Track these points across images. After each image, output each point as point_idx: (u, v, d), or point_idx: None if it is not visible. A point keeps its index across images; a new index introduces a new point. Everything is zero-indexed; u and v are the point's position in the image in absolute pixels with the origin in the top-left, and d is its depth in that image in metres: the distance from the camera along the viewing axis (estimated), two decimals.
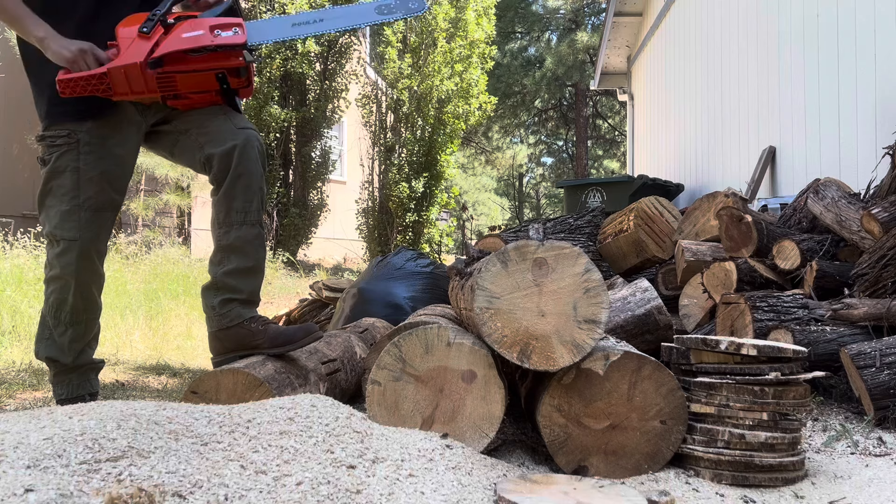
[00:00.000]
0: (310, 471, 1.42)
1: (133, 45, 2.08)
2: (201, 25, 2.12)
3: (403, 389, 1.79)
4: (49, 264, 2.24)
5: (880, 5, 3.92)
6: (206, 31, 2.11)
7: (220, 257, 2.24)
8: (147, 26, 2.09)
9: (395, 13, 2.29)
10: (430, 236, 10.52)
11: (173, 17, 2.15)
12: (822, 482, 1.78)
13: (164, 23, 2.11)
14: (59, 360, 2.26)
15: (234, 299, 2.21)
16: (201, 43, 2.09)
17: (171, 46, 2.08)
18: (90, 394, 2.31)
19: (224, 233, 2.22)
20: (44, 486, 1.18)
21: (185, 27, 2.12)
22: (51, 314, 2.25)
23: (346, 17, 2.29)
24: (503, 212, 30.48)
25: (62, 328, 2.25)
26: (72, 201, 2.16)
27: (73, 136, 2.15)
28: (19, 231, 8.97)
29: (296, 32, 2.27)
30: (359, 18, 2.30)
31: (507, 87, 19.98)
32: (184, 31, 2.11)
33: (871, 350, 2.24)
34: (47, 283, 2.25)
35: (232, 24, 2.13)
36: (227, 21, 2.14)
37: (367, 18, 2.29)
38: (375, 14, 2.28)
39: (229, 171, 2.19)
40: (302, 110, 10.13)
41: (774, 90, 5.31)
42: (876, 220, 2.66)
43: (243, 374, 1.92)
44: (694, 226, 3.68)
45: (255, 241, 2.25)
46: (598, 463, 1.78)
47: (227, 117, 2.26)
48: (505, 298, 1.74)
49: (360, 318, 3.33)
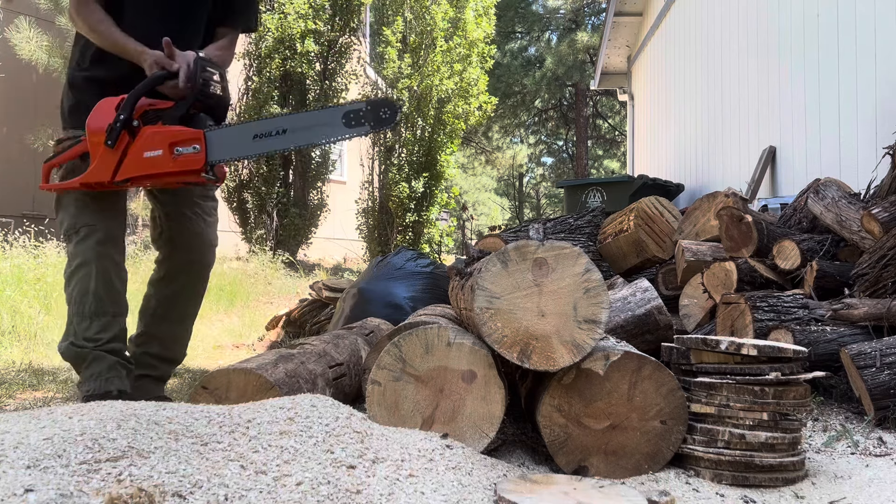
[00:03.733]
0: (310, 471, 1.42)
1: (100, 159, 2.16)
2: (162, 142, 2.12)
3: (403, 389, 1.79)
4: (70, 258, 2.27)
5: (880, 4, 3.91)
6: (166, 150, 2.11)
7: (144, 340, 2.48)
8: (111, 138, 2.12)
9: (363, 126, 2.13)
10: (430, 236, 10.52)
11: (139, 112, 2.15)
12: (822, 482, 1.78)
13: (129, 129, 2.13)
14: (84, 346, 2.23)
15: (148, 375, 2.47)
16: (159, 169, 2.13)
17: (130, 171, 2.14)
18: (119, 391, 2.24)
19: (157, 322, 2.47)
20: (44, 486, 1.18)
21: (146, 141, 2.13)
22: (75, 310, 2.25)
23: (311, 130, 2.15)
24: (503, 212, 30.46)
25: (86, 322, 2.24)
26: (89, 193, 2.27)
27: None
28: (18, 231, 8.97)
29: (256, 148, 2.15)
30: (325, 133, 2.15)
31: (507, 87, 19.97)
32: (145, 147, 2.13)
33: (871, 350, 2.24)
34: (69, 279, 2.27)
35: (192, 140, 2.11)
36: (187, 136, 2.12)
37: (335, 133, 2.14)
38: (343, 127, 2.12)
39: (183, 279, 2.46)
40: (302, 110, 10.12)
41: (774, 90, 5.31)
42: (876, 220, 2.66)
43: (255, 375, 1.93)
44: (694, 226, 3.68)
45: (180, 339, 2.54)
46: (598, 463, 1.78)
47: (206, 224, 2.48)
48: (505, 298, 1.74)
49: (360, 318, 3.33)
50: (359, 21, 10.64)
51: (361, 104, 2.12)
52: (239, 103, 9.63)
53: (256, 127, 2.15)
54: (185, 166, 2.11)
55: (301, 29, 9.72)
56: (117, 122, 2.11)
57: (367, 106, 2.12)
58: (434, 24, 10.16)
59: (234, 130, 2.16)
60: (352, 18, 10.40)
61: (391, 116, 2.12)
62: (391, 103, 2.13)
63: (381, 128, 2.13)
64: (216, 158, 2.13)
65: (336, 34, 10.35)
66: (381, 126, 2.13)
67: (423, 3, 10.29)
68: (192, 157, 2.10)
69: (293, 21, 9.63)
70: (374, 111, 2.12)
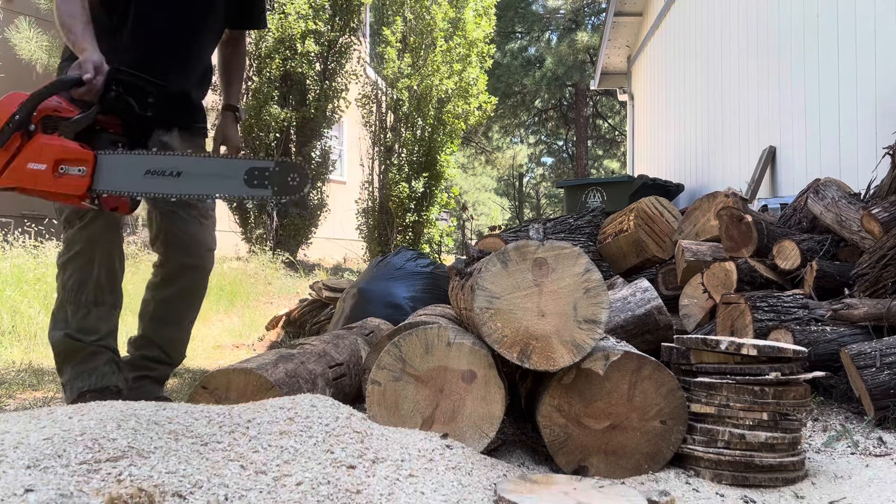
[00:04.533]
0: (310, 471, 1.42)
1: None
2: (48, 156, 1.90)
3: (403, 389, 1.79)
4: (69, 244, 2.21)
5: (880, 4, 3.92)
6: (50, 166, 1.89)
7: (143, 343, 2.47)
8: (2, 139, 1.90)
9: (265, 188, 1.90)
10: (430, 236, 10.52)
11: (41, 115, 1.93)
12: (822, 482, 1.78)
13: (25, 132, 1.90)
14: (81, 340, 2.18)
15: (147, 376, 2.45)
16: (39, 185, 1.91)
17: (11, 180, 1.92)
18: (115, 387, 2.22)
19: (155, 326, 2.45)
20: (44, 486, 1.18)
21: (34, 151, 1.90)
22: (70, 299, 2.19)
23: (207, 180, 1.92)
24: (503, 212, 30.46)
25: (84, 310, 2.19)
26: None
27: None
28: (18, 231, 8.97)
29: (145, 187, 1.92)
30: (220, 187, 1.93)
31: (507, 87, 19.97)
32: (31, 158, 1.91)
33: (871, 350, 2.24)
34: (64, 267, 2.21)
35: (79, 161, 1.89)
36: (75, 155, 1.90)
37: (231, 190, 1.92)
38: (243, 186, 1.90)
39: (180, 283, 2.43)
40: (302, 110, 10.13)
41: (774, 90, 5.31)
42: (876, 220, 2.66)
43: (255, 375, 1.92)
44: (694, 226, 3.68)
45: (179, 343, 2.52)
46: (598, 463, 1.78)
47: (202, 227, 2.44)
48: (505, 298, 1.74)
49: (360, 318, 3.33)
50: (359, 21, 10.64)
51: (270, 164, 1.92)
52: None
53: (151, 162, 1.92)
54: (65, 189, 1.90)
55: (301, 29, 9.72)
56: (10, 123, 1.90)
57: (276, 167, 1.92)
58: (434, 24, 10.17)
59: (128, 160, 1.93)
60: (352, 18, 10.41)
61: (299, 184, 1.92)
62: (301, 169, 1.94)
63: (284, 196, 1.91)
64: (102, 188, 1.90)
65: (336, 34, 10.35)
66: (285, 193, 1.91)
67: (423, 3, 10.29)
68: (75, 181, 1.88)
69: (293, 21, 9.63)
70: (282, 175, 1.91)
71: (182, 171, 1.89)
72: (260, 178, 1.90)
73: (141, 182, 1.91)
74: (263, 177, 1.90)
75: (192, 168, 1.91)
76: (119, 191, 1.92)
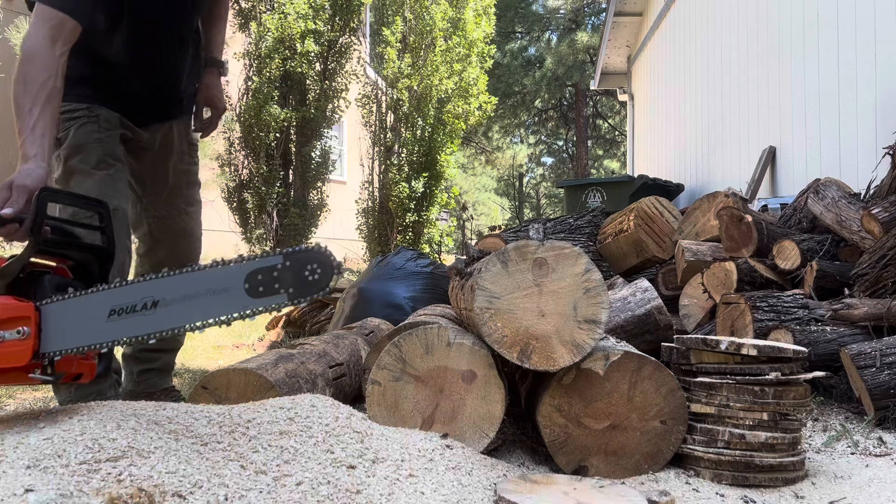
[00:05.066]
0: (310, 471, 1.42)
1: None
2: None
3: (403, 389, 1.79)
4: None
5: (880, 4, 3.91)
6: None
7: None
8: None
9: (279, 294, 1.39)
10: (430, 236, 10.51)
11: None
12: (822, 482, 1.78)
13: None
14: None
15: (151, 368, 2.41)
16: None
17: None
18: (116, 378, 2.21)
19: None
20: (44, 486, 1.18)
21: None
22: None
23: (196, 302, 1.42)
24: (503, 212, 30.45)
25: None
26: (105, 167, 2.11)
27: (93, 112, 2.12)
28: None
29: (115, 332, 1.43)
30: (216, 308, 1.41)
31: (507, 87, 19.97)
32: None
33: (871, 350, 2.24)
34: None
35: (15, 320, 1.42)
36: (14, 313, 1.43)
37: (233, 307, 1.40)
38: (247, 297, 1.40)
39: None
40: (302, 110, 10.13)
41: (774, 90, 5.31)
42: (876, 220, 2.66)
43: (255, 374, 1.92)
44: (694, 226, 3.68)
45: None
46: (598, 463, 1.78)
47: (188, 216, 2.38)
48: (505, 298, 1.74)
49: (360, 318, 3.33)
50: (359, 21, 10.64)
51: (276, 260, 1.40)
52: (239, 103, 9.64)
53: (115, 297, 1.43)
54: (3, 362, 1.42)
55: (301, 29, 9.72)
56: None
57: (285, 262, 1.40)
58: (434, 24, 10.17)
59: (83, 304, 1.45)
60: (352, 18, 10.40)
61: (323, 276, 1.39)
62: (322, 254, 1.40)
63: (306, 297, 1.40)
64: (55, 348, 1.43)
65: (336, 34, 10.35)
66: (305, 294, 1.39)
67: (423, 3, 10.29)
68: (15, 348, 1.40)
69: (293, 21, 9.63)
70: (296, 270, 1.39)
71: (159, 300, 1.41)
72: (267, 282, 1.40)
73: (105, 329, 1.43)
74: (271, 279, 1.40)
75: (171, 291, 1.42)
76: (78, 347, 1.44)
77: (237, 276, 1.40)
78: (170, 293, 1.41)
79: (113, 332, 1.42)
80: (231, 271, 1.41)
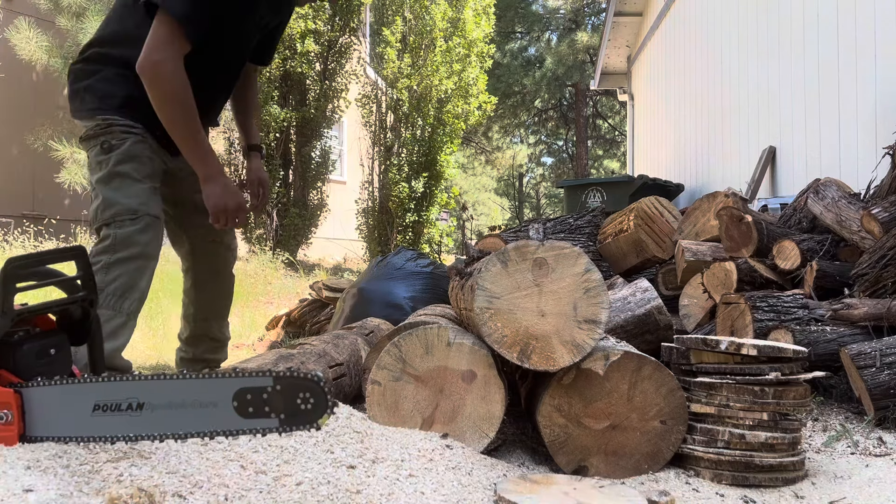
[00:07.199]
0: (310, 471, 1.42)
1: None
2: None
3: (403, 389, 1.79)
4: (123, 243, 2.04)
5: (880, 4, 3.91)
6: None
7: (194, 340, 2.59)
8: None
9: (269, 418, 1.30)
10: (430, 236, 10.52)
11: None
12: (822, 482, 1.78)
13: None
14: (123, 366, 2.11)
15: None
16: None
17: None
18: None
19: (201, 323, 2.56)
20: (44, 487, 1.18)
21: None
22: (111, 303, 1.98)
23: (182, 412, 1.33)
24: (503, 212, 30.46)
25: (121, 319, 2.00)
26: (153, 182, 2.22)
27: (146, 134, 2.21)
28: (18, 231, 8.96)
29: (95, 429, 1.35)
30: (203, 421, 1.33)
31: (507, 87, 19.97)
32: None
33: (871, 350, 2.24)
34: (112, 266, 2.01)
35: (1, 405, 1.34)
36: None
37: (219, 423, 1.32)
38: (235, 416, 1.31)
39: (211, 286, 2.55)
40: (302, 110, 10.13)
41: (774, 90, 5.31)
42: (876, 220, 2.66)
43: None
44: (694, 226, 3.68)
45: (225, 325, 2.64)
46: (598, 463, 1.78)
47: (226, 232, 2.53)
48: (505, 298, 1.74)
49: (360, 318, 3.33)
50: (359, 21, 10.64)
51: (266, 381, 1.31)
52: None
53: (98, 392, 1.35)
54: None
55: (301, 29, 9.72)
56: None
57: (275, 385, 1.31)
58: (433, 24, 10.17)
59: (65, 392, 1.37)
60: (352, 18, 10.41)
61: (316, 406, 1.29)
62: (316, 382, 1.30)
63: (298, 427, 1.31)
64: (41, 434, 1.37)
65: (336, 34, 10.35)
66: (298, 424, 1.30)
67: (423, 3, 10.30)
68: (2, 434, 1.34)
69: (293, 21, 9.63)
70: (288, 396, 1.30)
71: (144, 402, 1.34)
72: (256, 402, 1.31)
73: (90, 423, 1.36)
74: (261, 401, 1.31)
75: (157, 397, 1.34)
76: (63, 437, 1.37)
77: (227, 392, 1.33)
78: (155, 398, 1.34)
79: (98, 428, 1.35)
80: (222, 385, 1.34)
